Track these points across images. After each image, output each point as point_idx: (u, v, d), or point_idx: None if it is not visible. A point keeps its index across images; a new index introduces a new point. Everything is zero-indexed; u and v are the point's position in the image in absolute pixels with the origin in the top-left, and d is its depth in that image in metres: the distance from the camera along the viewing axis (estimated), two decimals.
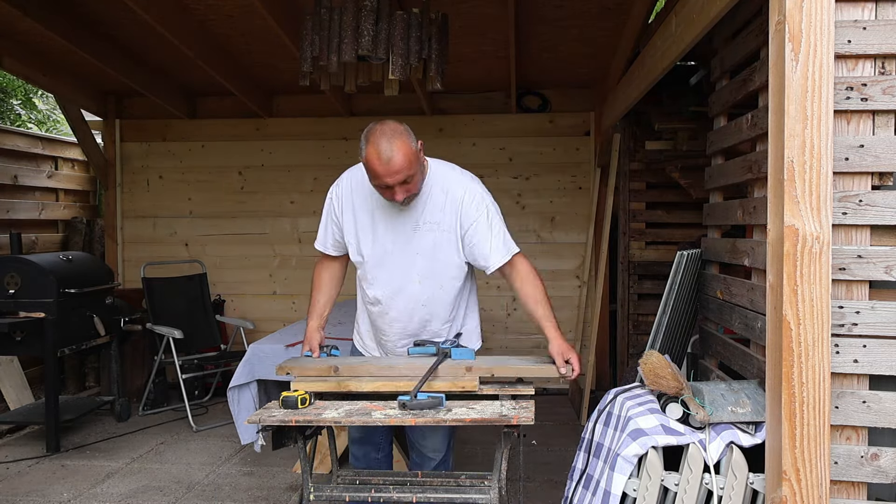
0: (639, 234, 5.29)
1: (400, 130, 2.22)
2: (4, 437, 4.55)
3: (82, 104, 5.73)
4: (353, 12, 3.28)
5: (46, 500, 3.52)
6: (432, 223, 2.40)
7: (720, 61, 2.77)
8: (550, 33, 4.40)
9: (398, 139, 2.19)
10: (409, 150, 2.20)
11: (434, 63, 3.46)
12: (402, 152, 2.18)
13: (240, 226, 5.95)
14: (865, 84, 1.88)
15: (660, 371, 2.15)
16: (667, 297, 2.69)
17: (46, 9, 4.08)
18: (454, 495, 2.20)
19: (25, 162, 5.75)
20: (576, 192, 5.69)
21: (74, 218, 6.20)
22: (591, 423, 2.41)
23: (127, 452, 4.23)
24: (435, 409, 2.09)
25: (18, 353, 4.69)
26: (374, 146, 2.18)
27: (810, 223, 1.76)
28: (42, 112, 9.14)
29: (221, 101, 5.86)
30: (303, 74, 3.51)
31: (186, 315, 5.28)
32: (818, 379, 1.78)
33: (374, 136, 2.19)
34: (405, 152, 2.19)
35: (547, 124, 5.73)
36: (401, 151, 2.18)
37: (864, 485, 1.90)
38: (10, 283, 4.27)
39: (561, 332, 2.38)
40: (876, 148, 1.87)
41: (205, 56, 4.54)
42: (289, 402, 2.13)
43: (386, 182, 2.21)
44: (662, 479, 1.99)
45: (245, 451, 4.21)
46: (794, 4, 1.75)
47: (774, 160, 1.83)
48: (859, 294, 1.89)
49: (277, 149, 5.91)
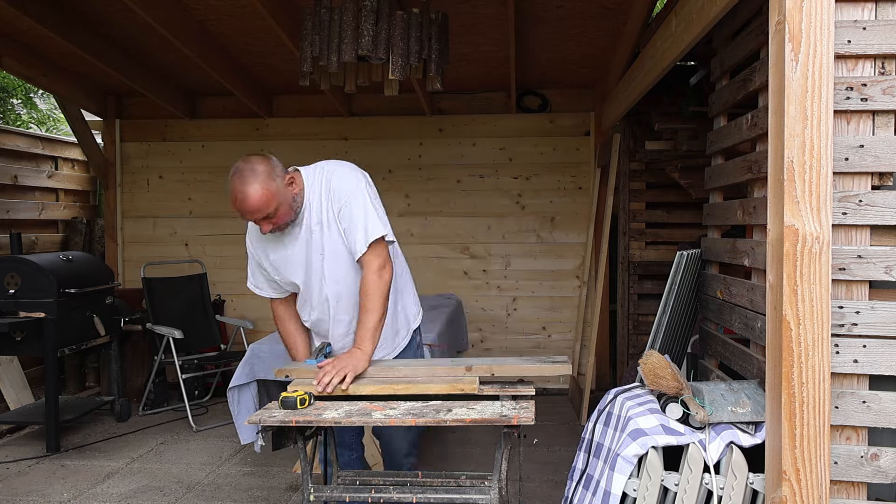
0: (639, 234, 5.29)
1: (258, 171, 2.26)
2: (4, 437, 4.55)
3: (82, 104, 5.73)
4: (353, 12, 3.28)
5: (46, 500, 3.52)
6: (319, 224, 2.44)
7: (720, 61, 2.77)
8: (550, 33, 4.40)
9: (254, 181, 2.25)
10: (264, 191, 2.25)
11: (434, 63, 3.46)
12: (257, 195, 2.24)
13: (240, 226, 5.85)
14: (865, 84, 1.88)
15: (660, 371, 2.15)
16: (667, 297, 2.69)
17: (46, 9, 4.08)
18: (454, 495, 2.20)
19: (25, 162, 5.75)
20: (576, 192, 5.69)
21: (74, 218, 6.21)
22: (591, 423, 2.41)
23: (127, 452, 4.23)
24: None
25: (18, 353, 4.69)
26: (231, 186, 2.27)
27: (810, 223, 1.77)
28: (42, 112, 9.14)
29: (221, 101, 5.86)
30: (303, 74, 3.51)
31: (186, 315, 5.28)
32: (818, 379, 1.78)
33: (233, 178, 2.28)
34: (260, 194, 2.25)
35: (547, 124, 5.73)
36: (255, 194, 2.24)
37: (864, 485, 1.90)
38: (10, 283, 4.27)
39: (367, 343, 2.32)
40: (876, 148, 1.87)
41: (205, 56, 4.54)
42: (288, 402, 2.13)
43: (246, 218, 2.33)
44: (662, 479, 1.99)
45: (245, 451, 4.21)
46: (794, 4, 1.75)
47: (774, 160, 1.83)
48: (859, 294, 1.89)
49: (277, 149, 5.91)
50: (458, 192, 5.74)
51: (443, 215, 5.78)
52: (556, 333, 5.72)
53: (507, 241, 5.77)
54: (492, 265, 5.79)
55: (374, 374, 2.34)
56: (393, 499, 2.20)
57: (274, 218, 2.32)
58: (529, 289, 5.76)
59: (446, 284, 5.76)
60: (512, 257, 5.77)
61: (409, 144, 5.77)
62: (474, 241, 5.79)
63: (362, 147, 5.76)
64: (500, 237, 5.77)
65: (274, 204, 2.29)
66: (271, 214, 2.30)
